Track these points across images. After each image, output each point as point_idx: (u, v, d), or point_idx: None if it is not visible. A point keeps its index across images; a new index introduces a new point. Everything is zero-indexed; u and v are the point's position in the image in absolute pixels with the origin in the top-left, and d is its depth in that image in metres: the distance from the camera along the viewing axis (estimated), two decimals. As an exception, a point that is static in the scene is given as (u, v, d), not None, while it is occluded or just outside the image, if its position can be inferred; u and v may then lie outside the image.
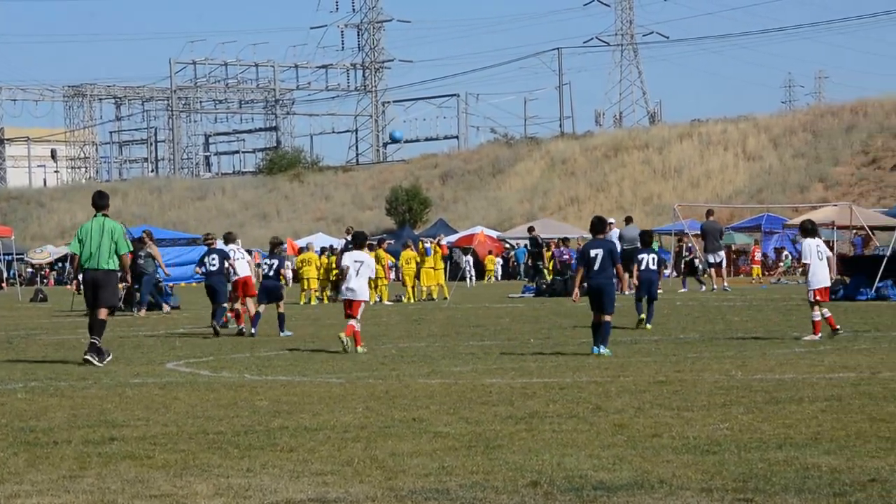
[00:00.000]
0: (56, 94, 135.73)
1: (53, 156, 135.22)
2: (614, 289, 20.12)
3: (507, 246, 77.15)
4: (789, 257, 65.38)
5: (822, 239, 23.52)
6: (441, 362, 18.89)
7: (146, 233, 38.47)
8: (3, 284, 72.98)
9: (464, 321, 29.94)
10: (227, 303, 27.29)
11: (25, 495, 9.03)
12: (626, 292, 30.75)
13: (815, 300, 21.94)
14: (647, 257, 26.63)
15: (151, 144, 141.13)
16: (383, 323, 29.56)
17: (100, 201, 20.38)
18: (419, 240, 48.56)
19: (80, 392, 15.58)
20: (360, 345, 21.05)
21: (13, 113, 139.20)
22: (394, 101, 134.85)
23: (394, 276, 54.41)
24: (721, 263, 44.43)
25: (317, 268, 43.74)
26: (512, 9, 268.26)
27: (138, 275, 34.68)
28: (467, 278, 61.30)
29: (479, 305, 38.53)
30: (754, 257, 62.34)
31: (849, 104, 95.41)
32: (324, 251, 46.26)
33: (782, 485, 8.93)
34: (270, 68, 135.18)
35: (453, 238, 71.28)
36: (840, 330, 21.90)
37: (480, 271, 69.04)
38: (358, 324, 21.17)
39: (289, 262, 55.36)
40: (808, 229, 22.58)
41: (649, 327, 25.56)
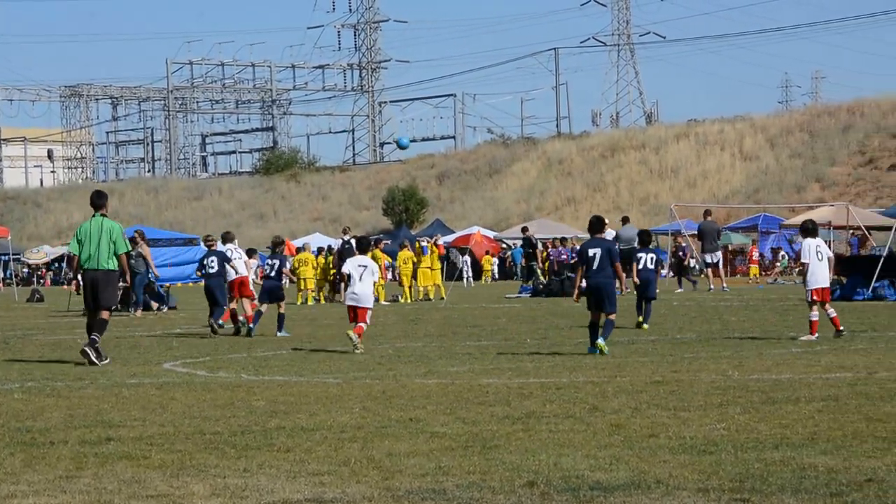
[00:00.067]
0: (53, 94, 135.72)
1: (50, 156, 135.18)
2: (614, 287, 20.13)
3: (503, 246, 77.18)
4: (786, 257, 65.40)
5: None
6: (438, 362, 18.88)
7: (138, 233, 38.42)
8: (0, 285, 72.96)
9: (461, 321, 29.94)
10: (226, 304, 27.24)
11: (22, 495, 9.02)
12: (625, 292, 30.77)
13: (812, 300, 21.96)
14: (645, 257, 26.70)
15: (148, 144, 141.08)
16: (380, 323, 29.54)
17: (98, 200, 20.35)
18: (416, 240, 48.58)
19: (76, 392, 15.57)
20: (359, 339, 21.14)
21: (10, 113, 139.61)
22: (390, 102, 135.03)
23: (391, 276, 54.43)
24: (718, 264, 44.45)
25: (314, 268, 43.76)
26: (509, 9, 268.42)
27: (132, 275, 34.62)
28: (464, 278, 61.31)
29: (476, 305, 38.53)
30: (752, 257, 62.35)
31: (845, 104, 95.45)
32: (321, 251, 46.26)
33: (779, 485, 8.93)
34: (267, 68, 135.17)
35: (450, 238, 71.31)
36: (844, 332, 21.82)
37: (478, 271, 69.08)
38: (366, 325, 21.32)
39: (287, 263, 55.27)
40: (809, 229, 22.57)
41: (646, 327, 25.60)
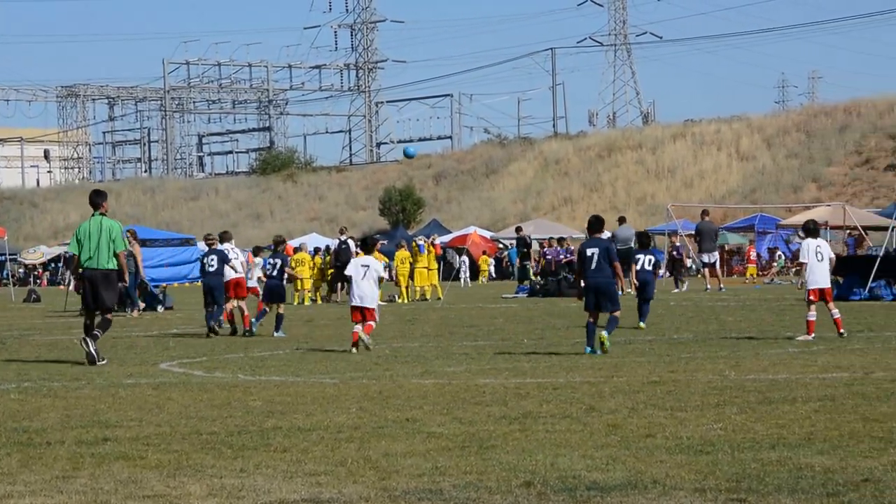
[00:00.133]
0: (49, 94, 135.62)
1: (47, 156, 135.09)
2: (614, 286, 20.15)
3: (500, 246, 77.18)
4: (782, 257, 65.42)
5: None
6: (435, 362, 18.89)
7: (130, 232, 38.36)
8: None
9: (457, 321, 29.95)
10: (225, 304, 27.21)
11: (18, 496, 9.02)
12: (626, 292, 30.81)
13: (810, 300, 21.94)
14: (643, 258, 26.84)
15: (145, 145, 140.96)
16: (377, 323, 29.51)
17: (97, 199, 20.34)
18: (413, 239, 48.59)
19: (73, 392, 15.57)
20: (367, 333, 21.22)
21: (6, 113, 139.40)
22: (387, 102, 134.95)
23: (387, 276, 54.38)
24: (715, 264, 44.47)
25: (310, 268, 43.75)
26: (505, 9, 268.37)
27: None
28: (461, 279, 61.31)
29: (473, 306, 38.53)
30: (749, 257, 62.37)
31: (842, 104, 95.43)
32: (317, 252, 46.25)
33: (775, 485, 8.93)
34: (264, 68, 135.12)
35: (447, 238, 71.28)
36: (844, 334, 21.74)
37: (475, 272, 69.08)
38: (375, 323, 21.38)
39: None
40: (810, 229, 22.53)
41: (643, 326, 25.63)
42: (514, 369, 17.57)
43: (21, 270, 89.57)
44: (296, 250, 44.83)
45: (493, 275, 72.59)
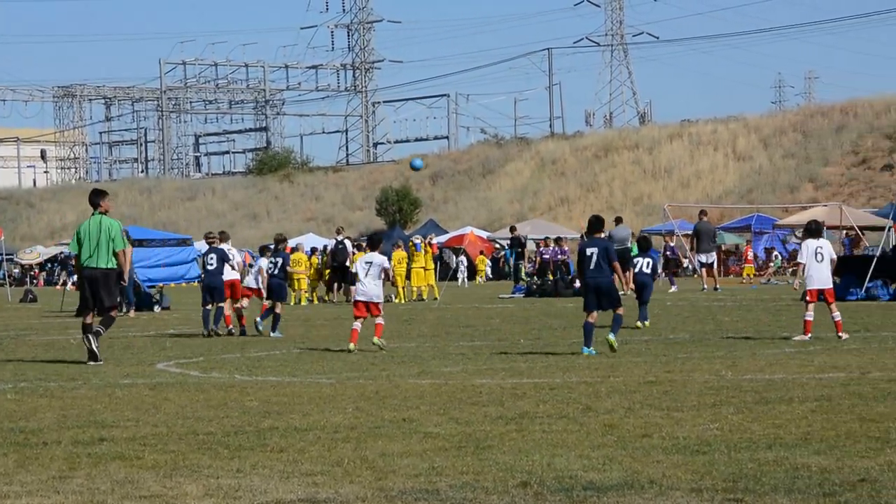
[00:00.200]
0: (45, 94, 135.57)
1: (43, 156, 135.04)
2: (614, 285, 20.16)
3: (496, 246, 77.16)
4: (779, 257, 65.44)
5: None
6: (431, 363, 18.89)
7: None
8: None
9: (454, 321, 29.94)
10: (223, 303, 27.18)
11: (15, 496, 9.01)
12: (627, 291, 30.83)
13: (807, 300, 21.93)
14: (642, 261, 26.94)
15: (141, 145, 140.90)
16: (374, 323, 29.51)
17: (96, 199, 20.34)
18: (409, 239, 48.58)
19: (69, 393, 15.56)
20: (378, 335, 21.24)
21: (2, 113, 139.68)
22: (384, 102, 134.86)
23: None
24: (712, 264, 44.46)
25: (307, 268, 43.73)
26: (502, 9, 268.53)
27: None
28: (459, 279, 61.28)
29: (470, 306, 38.53)
30: (747, 257, 62.36)
31: (839, 104, 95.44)
32: (314, 252, 46.24)
33: (772, 485, 8.93)
34: (260, 68, 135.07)
35: (443, 238, 71.27)
36: (842, 337, 21.59)
37: (473, 272, 69.08)
38: (382, 319, 21.39)
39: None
40: (811, 230, 22.43)
41: (639, 325, 25.65)
42: (510, 369, 17.57)
43: (17, 270, 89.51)
44: (292, 250, 44.80)
45: (490, 275, 72.62)
